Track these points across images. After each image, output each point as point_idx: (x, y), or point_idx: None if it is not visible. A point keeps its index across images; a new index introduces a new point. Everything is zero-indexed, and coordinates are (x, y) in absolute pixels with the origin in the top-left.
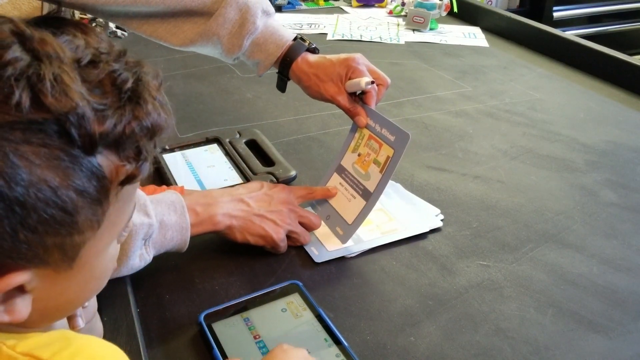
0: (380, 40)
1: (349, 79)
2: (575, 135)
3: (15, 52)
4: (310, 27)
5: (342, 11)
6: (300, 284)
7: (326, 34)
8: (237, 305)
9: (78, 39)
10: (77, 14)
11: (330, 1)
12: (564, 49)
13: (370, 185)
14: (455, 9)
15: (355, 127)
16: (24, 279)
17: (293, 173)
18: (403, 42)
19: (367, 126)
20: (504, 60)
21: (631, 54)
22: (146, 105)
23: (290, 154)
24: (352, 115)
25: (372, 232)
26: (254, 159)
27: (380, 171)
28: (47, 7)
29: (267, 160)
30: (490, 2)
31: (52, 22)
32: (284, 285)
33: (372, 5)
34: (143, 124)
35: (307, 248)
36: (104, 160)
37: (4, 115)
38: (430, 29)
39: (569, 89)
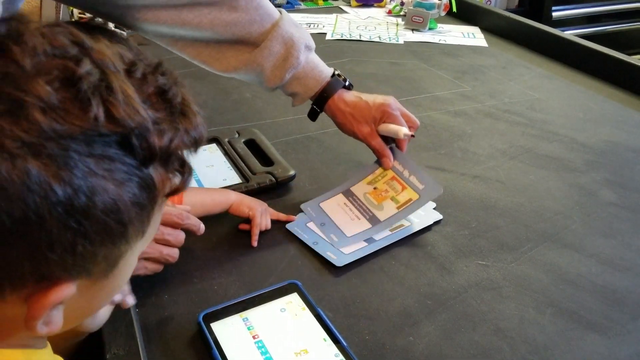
0: (379, 40)
1: (383, 122)
2: (574, 135)
3: (87, 65)
4: (310, 26)
5: (341, 11)
6: (299, 283)
7: (325, 33)
8: (236, 305)
9: (109, 47)
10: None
11: (329, 1)
12: (563, 49)
13: (382, 215)
14: (454, 9)
15: (378, 164)
16: (71, 291)
17: (292, 172)
18: (402, 42)
19: (392, 168)
20: (503, 60)
21: (630, 54)
22: (195, 118)
23: (289, 154)
24: (379, 156)
25: (382, 231)
26: (253, 158)
27: (398, 208)
28: (45, 7)
29: (266, 160)
30: (489, 2)
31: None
32: (283, 285)
33: (371, 5)
34: (192, 136)
35: (323, 254)
36: (154, 172)
37: (79, 126)
38: (429, 29)
39: (568, 88)
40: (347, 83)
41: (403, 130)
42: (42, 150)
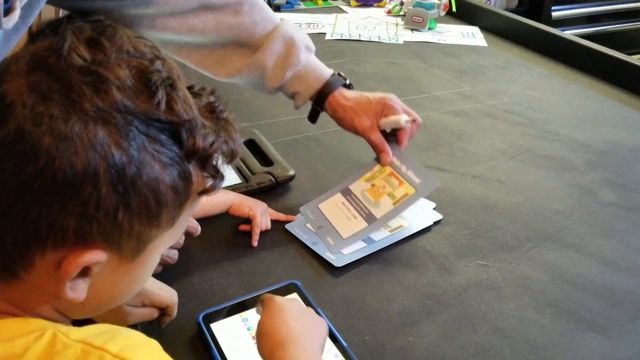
0: (379, 40)
1: (384, 116)
2: (573, 134)
3: (159, 65)
4: (309, 26)
5: (341, 11)
6: (299, 283)
7: (325, 33)
8: (235, 305)
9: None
10: None
11: (328, 0)
12: (562, 49)
13: (378, 213)
14: (454, 9)
15: (377, 161)
16: (102, 257)
17: (292, 172)
18: (402, 42)
19: (390, 164)
20: (503, 60)
21: (630, 54)
22: (234, 134)
23: (289, 154)
24: (378, 151)
25: (380, 232)
26: (252, 158)
27: (394, 204)
28: (45, 8)
29: (265, 160)
30: (488, 2)
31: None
32: (282, 285)
33: (371, 5)
34: (229, 147)
35: (323, 254)
36: (193, 169)
37: (144, 108)
38: (429, 29)
39: (568, 88)
40: (347, 82)
41: (404, 118)
42: (110, 119)
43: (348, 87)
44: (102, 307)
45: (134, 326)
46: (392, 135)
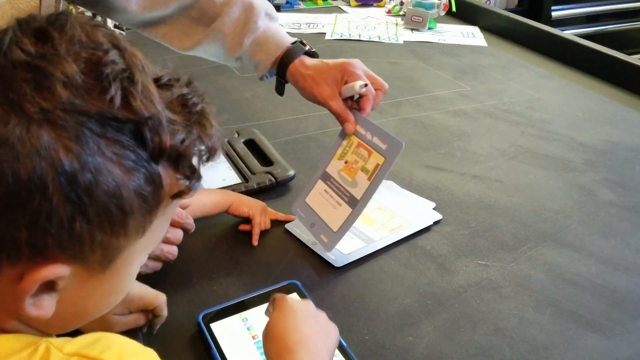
0: (378, 40)
1: (345, 83)
2: (573, 134)
3: (114, 56)
4: (309, 26)
5: (341, 10)
6: (299, 283)
7: (325, 33)
8: (235, 305)
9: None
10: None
11: (328, 0)
12: (562, 49)
13: (357, 193)
14: (454, 9)
15: (344, 134)
16: (63, 271)
17: (291, 172)
18: (401, 42)
19: (356, 133)
20: (503, 60)
21: (629, 54)
22: (210, 129)
23: (288, 154)
24: (341, 121)
25: (379, 231)
26: (252, 158)
27: (369, 179)
28: (45, 6)
29: (265, 159)
30: (488, 2)
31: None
32: (282, 285)
33: (371, 5)
34: (205, 145)
35: (322, 254)
36: (163, 171)
37: (97, 106)
38: (429, 29)
39: (568, 88)
40: (311, 50)
41: (359, 83)
42: (57, 121)
43: (312, 55)
44: (78, 322)
45: (134, 335)
46: (357, 104)
